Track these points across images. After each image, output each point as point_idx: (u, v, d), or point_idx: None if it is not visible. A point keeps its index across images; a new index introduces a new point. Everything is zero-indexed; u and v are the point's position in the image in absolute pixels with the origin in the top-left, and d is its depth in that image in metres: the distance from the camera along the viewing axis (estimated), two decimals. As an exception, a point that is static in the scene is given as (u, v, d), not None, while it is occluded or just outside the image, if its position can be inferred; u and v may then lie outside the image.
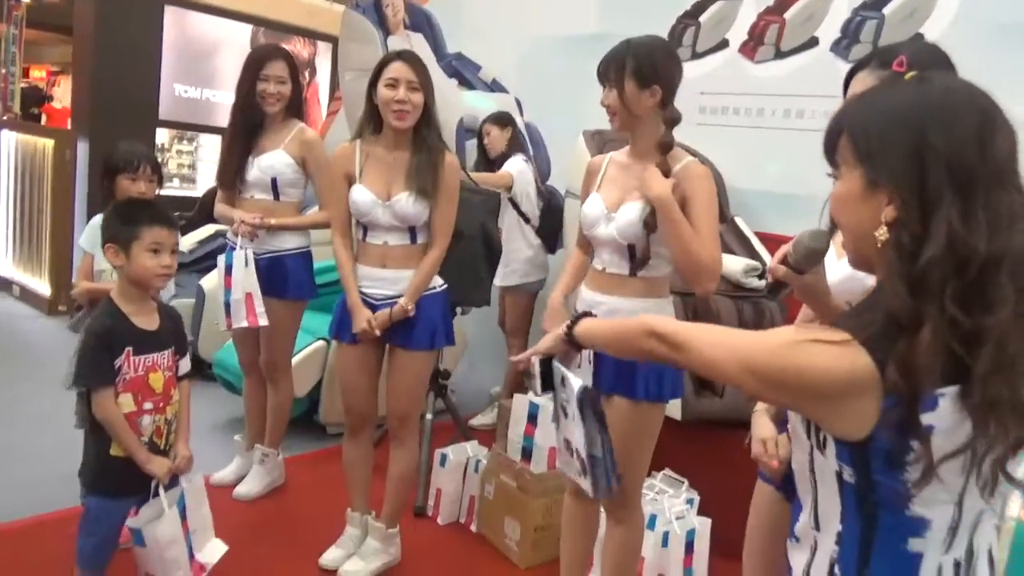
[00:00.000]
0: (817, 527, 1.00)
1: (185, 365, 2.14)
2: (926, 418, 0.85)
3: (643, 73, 1.92)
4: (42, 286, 5.68)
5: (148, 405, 2.00)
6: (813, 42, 3.53)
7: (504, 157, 3.87)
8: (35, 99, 9.95)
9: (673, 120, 1.98)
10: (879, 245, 0.91)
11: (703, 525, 2.57)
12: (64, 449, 2.33)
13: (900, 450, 0.87)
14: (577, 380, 1.43)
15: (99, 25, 6.01)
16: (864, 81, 1.51)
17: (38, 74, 12.80)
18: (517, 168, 3.83)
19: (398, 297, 2.40)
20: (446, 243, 2.44)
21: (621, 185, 2.03)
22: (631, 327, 1.16)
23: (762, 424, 1.74)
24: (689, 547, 2.51)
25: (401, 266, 2.41)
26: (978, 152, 0.87)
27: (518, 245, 3.80)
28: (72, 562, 2.09)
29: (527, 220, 3.83)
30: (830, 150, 1.00)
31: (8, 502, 2.80)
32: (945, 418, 0.86)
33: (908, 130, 0.89)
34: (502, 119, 3.95)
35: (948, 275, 0.84)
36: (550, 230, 3.87)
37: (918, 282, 0.85)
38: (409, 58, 2.38)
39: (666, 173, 1.94)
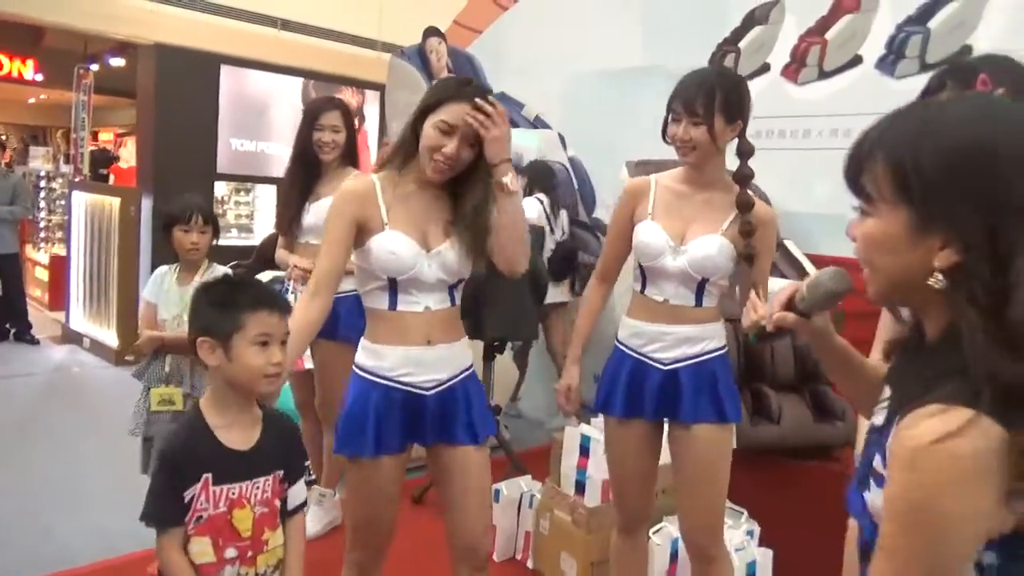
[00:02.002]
0: None
1: (297, 495, 1.61)
2: None
3: (731, 108, 1.88)
4: (110, 337, 5.91)
5: (231, 552, 1.49)
6: (857, 60, 3.49)
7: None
8: (103, 161, 10.47)
9: (749, 152, 1.94)
10: (932, 290, 0.82)
11: (765, 556, 2.49)
12: (133, 495, 2.39)
13: None
14: None
15: (160, 88, 6.34)
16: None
17: (106, 137, 13.47)
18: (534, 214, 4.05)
19: (451, 381, 1.83)
20: None
21: (681, 214, 1.97)
22: None
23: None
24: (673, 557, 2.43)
25: (448, 339, 1.83)
26: None
27: None
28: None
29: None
30: (856, 177, 0.88)
31: (82, 547, 2.90)
32: None
33: (973, 166, 0.77)
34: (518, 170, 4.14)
35: None
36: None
37: (1012, 340, 0.76)
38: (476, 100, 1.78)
39: (749, 205, 1.93)
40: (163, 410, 2.53)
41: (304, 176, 2.94)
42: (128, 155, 10.96)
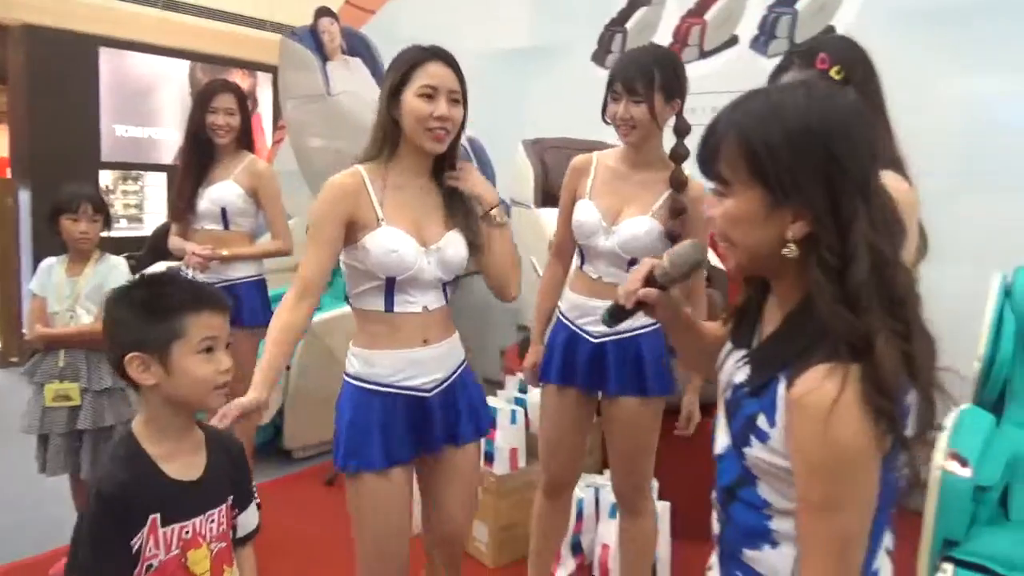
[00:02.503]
0: None
1: (249, 521, 1.43)
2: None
3: (670, 86, 1.90)
4: (-8, 338, 5.59)
5: None
6: (733, 40, 3.69)
7: None
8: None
9: (686, 130, 1.96)
10: (786, 259, 0.93)
11: (663, 509, 2.65)
12: (25, 498, 2.34)
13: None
14: None
15: (31, 72, 5.97)
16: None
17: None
18: None
19: (450, 379, 1.77)
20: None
21: (619, 194, 2.00)
22: None
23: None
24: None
25: (443, 336, 1.76)
26: (871, 162, 0.92)
27: None
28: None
29: None
30: (712, 161, 0.97)
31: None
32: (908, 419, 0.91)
33: (815, 147, 0.89)
34: None
35: (875, 286, 0.89)
36: None
37: (855, 299, 0.88)
38: (448, 59, 1.74)
39: (682, 183, 1.95)
40: (58, 406, 2.47)
41: (198, 161, 2.89)
42: (-2, 144, 10.28)
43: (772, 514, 1.02)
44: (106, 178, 6.59)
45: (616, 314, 1.19)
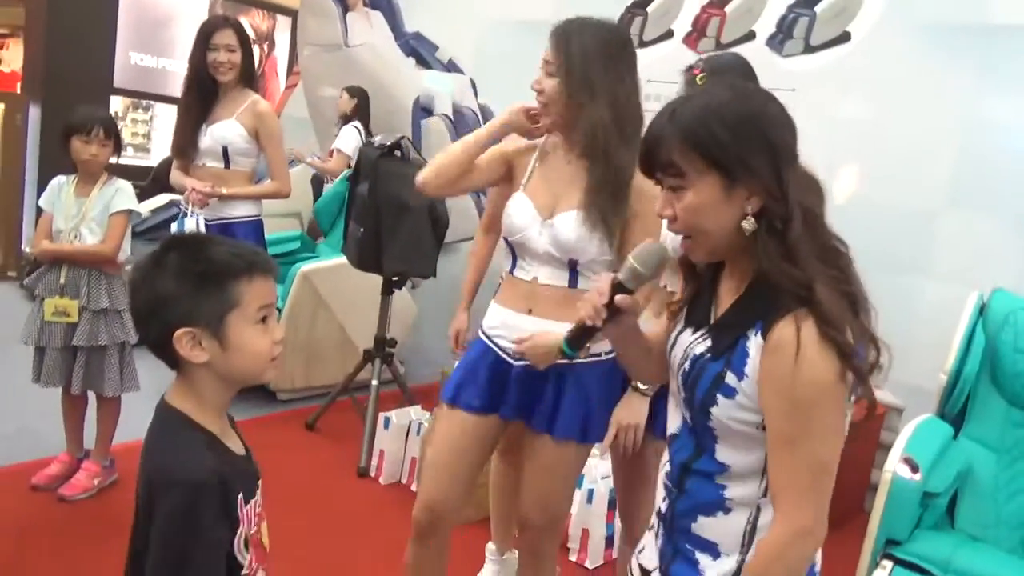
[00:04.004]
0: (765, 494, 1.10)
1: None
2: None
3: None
4: (-9, 250, 5.64)
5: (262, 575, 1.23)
6: (751, 35, 3.72)
7: (346, 119, 4.75)
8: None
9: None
10: (746, 234, 1.05)
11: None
12: (23, 403, 2.41)
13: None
14: None
15: (53, -12, 5.94)
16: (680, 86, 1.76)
17: (-15, 36, 12.38)
18: (352, 145, 4.58)
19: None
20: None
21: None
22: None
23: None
24: (612, 504, 2.69)
25: (554, 317, 1.75)
26: (791, 130, 1.08)
27: None
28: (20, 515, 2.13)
29: None
30: (656, 164, 1.09)
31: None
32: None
33: (754, 130, 1.04)
34: (352, 91, 4.73)
35: (809, 239, 1.05)
36: None
37: (793, 253, 1.03)
38: (557, 28, 1.74)
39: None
40: (57, 321, 2.54)
41: (200, 98, 2.91)
42: (11, 58, 10.20)
43: (726, 482, 1.12)
44: (116, 104, 6.58)
45: (581, 337, 1.18)
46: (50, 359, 2.59)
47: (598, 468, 2.76)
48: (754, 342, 1.06)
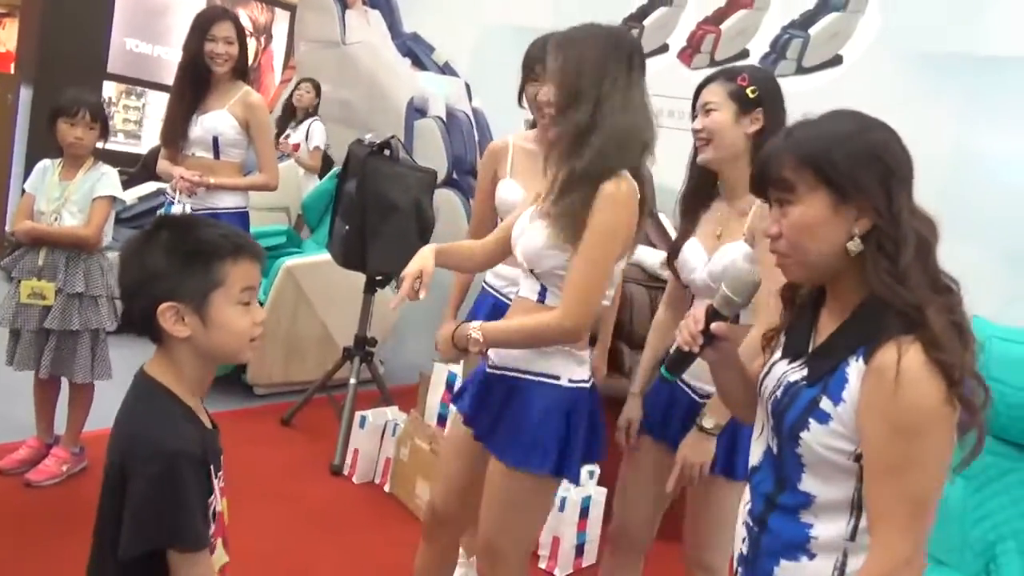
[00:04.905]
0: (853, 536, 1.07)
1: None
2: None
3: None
4: (-27, 230, 5.58)
5: (221, 546, 1.26)
6: (744, 54, 3.75)
7: (307, 114, 4.98)
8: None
9: None
10: (851, 255, 1.05)
11: (599, 494, 2.75)
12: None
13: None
14: None
15: (51, -31, 5.91)
16: (716, 92, 1.75)
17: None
18: (324, 139, 4.84)
19: (500, 371, 1.70)
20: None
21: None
22: None
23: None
24: (584, 513, 2.69)
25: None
26: (909, 163, 1.07)
27: None
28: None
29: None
30: (767, 179, 1.10)
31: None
32: None
33: (866, 151, 1.05)
34: (317, 85, 5.00)
35: (921, 268, 1.04)
36: None
37: (904, 277, 1.02)
38: (557, 38, 1.69)
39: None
40: (32, 303, 2.52)
41: (193, 87, 2.91)
42: (5, 37, 10.12)
43: (812, 520, 1.08)
44: (109, 89, 6.55)
45: (679, 362, 1.23)
46: (24, 342, 2.57)
47: (571, 477, 2.76)
48: (855, 367, 1.04)
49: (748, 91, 1.73)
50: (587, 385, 1.68)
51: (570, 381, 1.65)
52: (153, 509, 1.10)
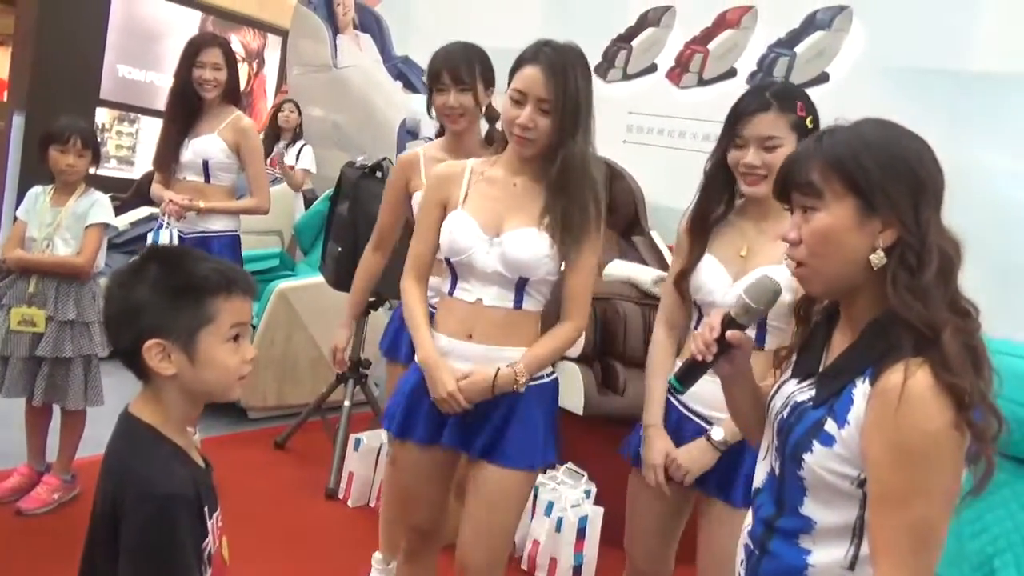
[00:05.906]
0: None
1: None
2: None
3: (487, 74, 2.19)
4: (-35, 258, 5.57)
5: None
6: (732, 72, 3.79)
7: (294, 135, 5.18)
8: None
9: (498, 116, 1.98)
10: (873, 268, 1.01)
11: (596, 514, 2.74)
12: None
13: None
14: None
15: (44, -1, 5.95)
16: (778, 126, 1.64)
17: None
18: (311, 159, 5.04)
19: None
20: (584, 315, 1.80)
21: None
22: None
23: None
24: (581, 533, 2.67)
25: (497, 341, 1.72)
26: (940, 177, 1.04)
27: None
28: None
29: None
30: (792, 183, 1.06)
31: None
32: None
33: (898, 162, 1.01)
34: (297, 105, 5.24)
35: (943, 287, 1.00)
36: None
37: (924, 294, 0.98)
38: (549, 64, 1.67)
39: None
40: (22, 331, 2.51)
41: (184, 113, 2.94)
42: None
43: (811, 546, 1.05)
44: (103, 116, 6.59)
45: (691, 372, 1.17)
46: (14, 369, 2.55)
47: (568, 497, 2.75)
48: (861, 389, 1.01)
49: (808, 122, 1.67)
50: (555, 373, 1.85)
51: (547, 375, 1.81)
52: (145, 555, 1.07)
